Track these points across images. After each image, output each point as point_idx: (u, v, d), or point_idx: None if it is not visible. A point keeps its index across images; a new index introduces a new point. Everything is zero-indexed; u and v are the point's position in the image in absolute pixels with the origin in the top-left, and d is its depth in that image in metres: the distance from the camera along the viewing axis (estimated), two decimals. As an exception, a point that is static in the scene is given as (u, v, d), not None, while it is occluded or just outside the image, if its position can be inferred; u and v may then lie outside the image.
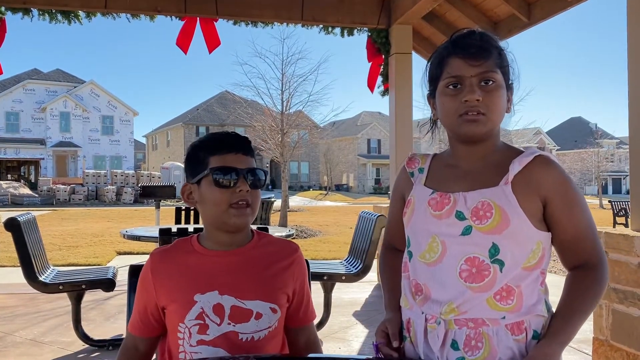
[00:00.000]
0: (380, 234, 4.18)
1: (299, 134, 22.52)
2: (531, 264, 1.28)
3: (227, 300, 1.37)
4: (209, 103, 50.93)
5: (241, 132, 9.81)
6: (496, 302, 1.25)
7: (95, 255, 9.09)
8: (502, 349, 1.24)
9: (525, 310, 1.27)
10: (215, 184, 1.37)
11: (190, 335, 1.36)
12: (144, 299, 1.44)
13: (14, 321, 4.59)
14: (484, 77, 1.26)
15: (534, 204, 1.27)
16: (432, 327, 1.29)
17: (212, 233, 1.44)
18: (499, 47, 1.31)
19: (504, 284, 1.25)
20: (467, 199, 1.29)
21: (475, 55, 1.26)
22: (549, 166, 1.29)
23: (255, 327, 1.38)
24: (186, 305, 1.37)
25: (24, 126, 40.77)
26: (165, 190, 10.12)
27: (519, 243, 1.26)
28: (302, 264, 1.53)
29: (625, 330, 2.72)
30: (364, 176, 51.60)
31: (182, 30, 5.61)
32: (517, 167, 1.28)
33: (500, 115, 1.30)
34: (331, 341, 4.13)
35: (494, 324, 1.25)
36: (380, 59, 6.28)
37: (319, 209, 26.60)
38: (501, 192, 1.27)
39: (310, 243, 11.56)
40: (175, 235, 3.46)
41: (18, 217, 3.74)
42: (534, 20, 5.22)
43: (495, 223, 1.24)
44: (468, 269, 1.26)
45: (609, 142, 53.86)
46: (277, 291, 1.42)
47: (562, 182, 1.29)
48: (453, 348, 1.27)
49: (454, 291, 1.27)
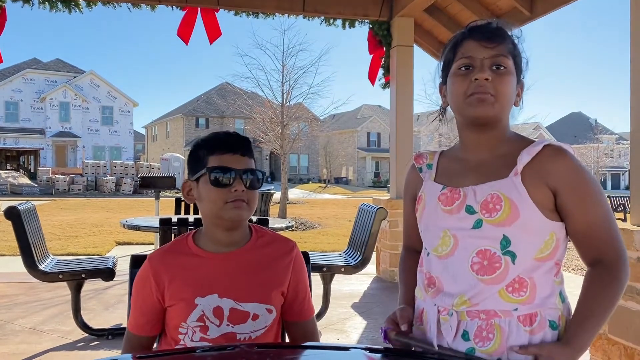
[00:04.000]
0: (380, 226, 4.18)
1: (299, 126, 22.49)
2: (544, 255, 1.27)
3: (226, 302, 1.43)
4: (209, 94, 50.82)
5: (241, 123, 9.82)
6: (508, 294, 1.25)
7: (94, 245, 9.10)
8: (513, 340, 1.24)
9: (539, 302, 1.26)
10: (212, 183, 1.41)
11: (194, 332, 1.43)
12: (148, 301, 1.47)
13: (14, 309, 4.60)
14: (496, 61, 1.27)
15: (544, 194, 1.25)
16: (445, 319, 1.30)
17: (210, 230, 1.49)
18: (513, 39, 1.32)
19: (516, 275, 1.25)
20: (477, 192, 1.29)
21: (489, 38, 1.28)
22: (558, 155, 1.26)
23: (252, 328, 1.44)
24: (187, 307, 1.42)
25: (24, 116, 40.69)
26: (165, 181, 10.13)
27: (530, 234, 1.25)
28: (299, 261, 1.56)
29: (623, 324, 2.74)
30: (363, 169, 51.60)
31: (183, 20, 5.59)
32: (526, 157, 1.26)
33: (508, 102, 1.30)
34: (330, 332, 4.15)
35: (506, 316, 1.25)
36: (381, 51, 6.28)
37: (318, 202, 26.62)
38: (511, 183, 1.26)
39: (309, 235, 11.58)
40: (176, 226, 3.46)
41: (18, 205, 3.74)
42: (536, 14, 5.21)
43: (505, 215, 1.24)
44: (480, 261, 1.26)
45: (608, 137, 53.85)
46: (273, 292, 1.48)
47: (573, 172, 1.25)
48: (464, 339, 1.28)
49: (465, 284, 1.28)
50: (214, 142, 1.45)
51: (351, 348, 1.27)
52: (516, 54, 1.31)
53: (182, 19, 5.59)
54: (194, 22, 5.59)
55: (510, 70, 1.29)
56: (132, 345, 1.52)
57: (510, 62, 1.29)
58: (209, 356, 1.24)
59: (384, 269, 6.19)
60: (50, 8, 5.26)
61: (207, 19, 5.60)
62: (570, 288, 1.37)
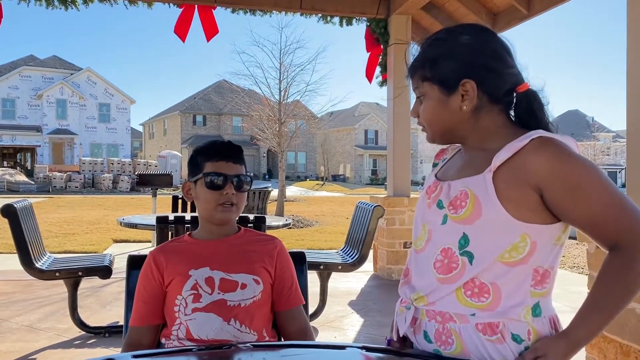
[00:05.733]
0: (377, 224, 4.19)
1: (296, 123, 22.42)
2: (514, 260, 1.18)
3: (217, 274, 1.63)
4: (206, 92, 50.75)
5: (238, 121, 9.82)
6: (466, 298, 1.20)
7: (91, 243, 9.09)
8: (473, 347, 1.19)
9: (503, 310, 1.18)
10: (207, 185, 1.65)
11: (187, 305, 1.60)
12: (150, 287, 1.66)
13: (10, 307, 4.60)
14: (416, 91, 1.32)
15: (523, 193, 1.17)
16: (402, 310, 1.32)
17: (204, 224, 1.74)
18: (427, 55, 1.31)
19: (475, 278, 1.19)
20: (451, 187, 1.26)
21: (408, 73, 1.35)
22: (541, 149, 1.16)
23: (241, 296, 1.61)
24: (183, 278, 1.62)
25: (20, 113, 40.57)
26: (162, 178, 10.10)
27: (492, 234, 1.18)
28: (283, 252, 1.76)
29: (619, 322, 2.74)
30: (360, 167, 51.61)
31: (180, 17, 5.58)
32: (504, 154, 1.18)
33: (441, 121, 1.29)
34: (327, 330, 4.15)
35: (461, 321, 1.20)
36: (378, 49, 6.27)
37: (316, 199, 26.61)
38: (482, 180, 1.20)
39: (306, 233, 11.58)
40: (173, 223, 3.46)
41: (14, 203, 3.73)
42: (533, 12, 5.20)
43: (467, 213, 1.20)
44: (442, 259, 1.24)
45: (605, 135, 53.88)
46: (257, 265, 1.68)
47: (555, 164, 1.15)
48: (426, 340, 1.26)
49: (426, 281, 1.26)
50: (211, 150, 1.70)
51: (347, 347, 1.27)
52: (431, 74, 1.28)
53: (179, 16, 5.57)
54: (191, 19, 5.58)
55: (429, 95, 1.29)
56: (132, 341, 1.63)
57: (425, 86, 1.29)
58: (205, 354, 1.25)
59: (381, 267, 6.20)
60: (46, 5, 5.24)
61: (204, 16, 5.59)
62: (565, 285, 1.36)
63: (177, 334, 1.59)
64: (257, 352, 1.22)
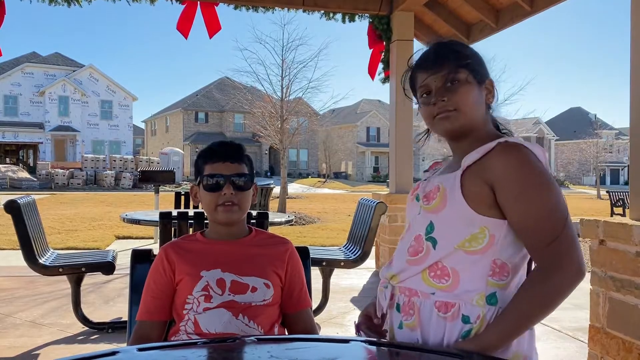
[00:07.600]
0: (379, 221, 4.19)
1: (298, 121, 22.44)
2: (474, 249, 1.30)
3: (228, 276, 1.63)
4: (208, 89, 50.72)
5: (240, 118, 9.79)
6: (430, 278, 1.34)
7: (94, 239, 9.11)
8: (426, 320, 1.33)
9: (459, 293, 1.30)
10: (204, 188, 1.67)
11: (199, 304, 1.61)
12: (161, 282, 1.67)
13: (14, 303, 4.61)
14: (447, 78, 1.36)
15: (481, 190, 1.29)
16: (381, 290, 1.46)
17: (212, 226, 1.75)
18: (458, 50, 1.40)
19: (437, 261, 1.33)
20: (428, 183, 1.42)
21: (434, 62, 1.39)
22: (503, 152, 1.28)
23: (251, 299, 1.62)
24: (194, 279, 1.63)
25: (23, 110, 40.61)
26: (165, 175, 10.11)
27: (453, 224, 1.31)
28: (295, 255, 1.77)
29: (621, 318, 2.74)
30: (362, 164, 51.59)
31: (183, 14, 5.57)
32: (473, 155, 1.32)
33: (472, 109, 1.37)
34: (329, 326, 4.16)
35: (424, 297, 1.34)
36: (381, 46, 6.26)
37: (318, 196, 26.62)
38: (452, 177, 1.34)
39: (308, 230, 11.59)
40: (176, 219, 3.47)
41: (18, 199, 3.74)
42: (536, 9, 5.19)
43: (436, 204, 1.35)
44: (414, 245, 1.39)
45: (608, 132, 53.77)
46: (269, 270, 1.68)
47: (510, 168, 1.26)
48: (397, 311, 1.41)
49: (401, 262, 1.41)
50: (209, 153, 1.71)
51: (351, 340, 1.28)
52: (469, 62, 1.38)
53: (182, 12, 5.57)
54: (193, 15, 5.57)
55: (465, 81, 1.37)
56: (138, 335, 1.64)
57: (462, 73, 1.37)
58: (209, 347, 1.26)
59: (383, 264, 6.20)
60: (49, 2, 5.24)
61: (206, 13, 5.58)
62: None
63: (186, 329, 1.61)
64: (261, 345, 1.22)
